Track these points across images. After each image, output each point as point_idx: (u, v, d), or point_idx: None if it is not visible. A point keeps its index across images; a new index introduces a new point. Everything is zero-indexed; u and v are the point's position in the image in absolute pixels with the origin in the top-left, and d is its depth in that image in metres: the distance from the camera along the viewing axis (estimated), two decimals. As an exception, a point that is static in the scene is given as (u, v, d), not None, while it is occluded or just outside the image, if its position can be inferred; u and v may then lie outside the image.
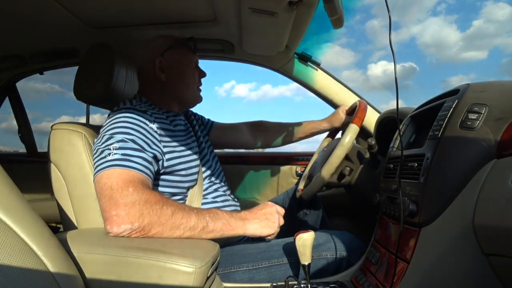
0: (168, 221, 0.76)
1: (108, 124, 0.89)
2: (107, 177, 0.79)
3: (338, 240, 0.97)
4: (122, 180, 0.78)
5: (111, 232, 0.74)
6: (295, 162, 1.72)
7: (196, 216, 0.80)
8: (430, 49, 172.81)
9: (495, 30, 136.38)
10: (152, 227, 0.75)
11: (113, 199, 0.75)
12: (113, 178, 0.78)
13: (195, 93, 1.11)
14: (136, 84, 1.13)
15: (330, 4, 0.81)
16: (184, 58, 1.08)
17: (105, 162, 0.81)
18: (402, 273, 0.71)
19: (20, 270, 0.47)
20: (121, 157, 0.81)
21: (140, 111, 0.92)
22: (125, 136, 0.85)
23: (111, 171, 0.80)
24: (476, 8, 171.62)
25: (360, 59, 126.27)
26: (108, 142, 0.84)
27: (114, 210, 0.74)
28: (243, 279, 0.91)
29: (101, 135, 0.88)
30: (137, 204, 0.75)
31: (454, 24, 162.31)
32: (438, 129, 0.73)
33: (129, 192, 0.76)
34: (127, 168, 0.80)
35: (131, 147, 0.84)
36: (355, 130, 1.04)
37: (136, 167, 0.82)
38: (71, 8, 1.09)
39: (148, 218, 0.74)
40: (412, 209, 0.72)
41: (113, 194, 0.76)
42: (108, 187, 0.77)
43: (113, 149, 0.82)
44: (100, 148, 0.85)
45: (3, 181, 0.53)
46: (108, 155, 0.82)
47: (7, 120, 1.95)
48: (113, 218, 0.73)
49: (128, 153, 0.83)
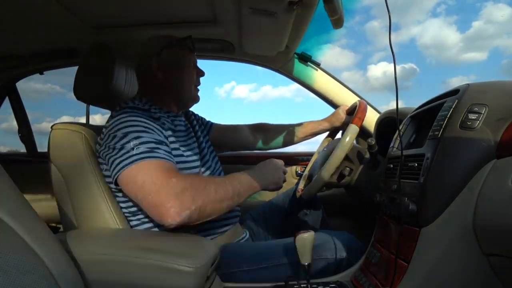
0: (215, 197, 0.82)
1: (116, 124, 0.88)
2: (142, 173, 0.80)
3: (338, 240, 0.97)
4: (161, 172, 0.79)
5: (172, 224, 0.76)
6: (295, 162, 1.72)
7: (231, 186, 0.87)
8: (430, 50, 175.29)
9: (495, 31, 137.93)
10: (206, 207, 0.80)
11: (162, 192, 0.77)
12: (150, 171, 0.80)
13: (192, 92, 1.10)
14: (136, 84, 1.13)
15: (330, 4, 0.81)
16: (182, 57, 1.07)
17: (131, 157, 0.81)
18: (402, 273, 0.71)
19: (20, 270, 0.47)
20: (146, 149, 0.83)
21: (143, 110, 0.94)
22: (140, 134, 0.85)
23: (142, 164, 0.80)
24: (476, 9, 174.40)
25: (360, 60, 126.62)
26: (125, 140, 0.84)
27: (168, 202, 0.75)
28: (243, 279, 0.92)
29: (110, 135, 0.87)
30: (185, 190, 0.78)
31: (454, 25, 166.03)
32: (438, 129, 0.73)
33: (173, 182, 0.78)
34: (157, 159, 0.82)
35: (149, 141, 0.85)
36: (355, 131, 1.04)
37: (164, 157, 0.84)
38: (71, 8, 1.09)
39: (199, 199, 0.78)
40: (412, 209, 0.72)
41: (159, 188, 0.77)
42: (150, 182, 0.78)
43: (134, 145, 0.83)
44: (117, 147, 0.84)
45: (3, 181, 0.53)
46: (130, 150, 0.82)
47: (7, 121, 1.95)
48: (171, 210, 0.75)
49: (151, 146, 0.84)
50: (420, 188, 0.72)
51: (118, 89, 1.06)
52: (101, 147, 0.90)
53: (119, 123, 0.88)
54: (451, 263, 0.65)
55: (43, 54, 1.47)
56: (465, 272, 0.64)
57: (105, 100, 1.11)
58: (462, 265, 0.64)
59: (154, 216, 0.79)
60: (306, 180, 1.29)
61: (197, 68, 1.12)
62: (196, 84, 1.11)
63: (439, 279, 0.66)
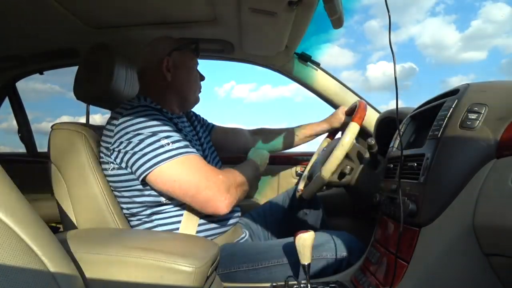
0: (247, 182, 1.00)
1: (135, 123, 0.88)
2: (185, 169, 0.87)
3: (338, 240, 0.97)
4: (202, 166, 0.90)
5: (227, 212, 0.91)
6: (295, 162, 1.72)
7: (251, 169, 1.08)
8: (429, 49, 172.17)
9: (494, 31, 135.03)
10: (244, 191, 0.99)
11: (213, 187, 0.88)
12: (192, 167, 0.88)
13: (196, 95, 1.13)
14: (136, 84, 1.13)
15: (330, 4, 0.81)
16: (190, 60, 1.10)
17: (167, 152, 0.85)
18: (402, 273, 0.71)
19: (20, 270, 0.47)
20: (179, 145, 0.88)
21: (156, 109, 0.95)
22: (168, 132, 0.89)
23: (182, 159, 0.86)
24: (474, 8, 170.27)
25: (359, 59, 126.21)
26: (155, 138, 0.86)
27: (221, 195, 0.88)
28: (243, 279, 0.92)
29: (130, 133, 0.87)
30: (231, 186, 0.92)
31: (453, 25, 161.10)
32: (438, 129, 0.73)
33: (221, 179, 0.90)
34: (193, 154, 0.90)
35: (179, 138, 0.90)
36: (355, 128, 1.04)
37: (195, 152, 0.91)
38: (71, 8, 1.09)
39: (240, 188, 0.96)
40: (412, 209, 0.72)
41: (210, 184, 0.88)
42: (197, 179, 0.87)
43: (167, 144, 0.86)
44: (143, 143, 0.85)
45: (3, 181, 0.53)
46: (163, 146, 0.86)
47: (7, 120, 1.95)
48: (225, 202, 0.89)
49: (183, 145, 0.89)
50: (420, 188, 0.72)
51: (118, 89, 1.06)
52: (113, 145, 0.89)
53: (139, 122, 0.88)
54: (451, 263, 0.65)
55: (43, 54, 1.47)
56: (465, 272, 0.64)
57: (105, 100, 1.11)
58: (462, 265, 0.64)
59: (207, 209, 0.89)
60: (306, 180, 1.29)
61: (199, 72, 1.14)
62: (199, 87, 1.14)
63: (439, 279, 0.66)
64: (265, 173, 1.73)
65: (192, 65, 1.10)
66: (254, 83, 72.21)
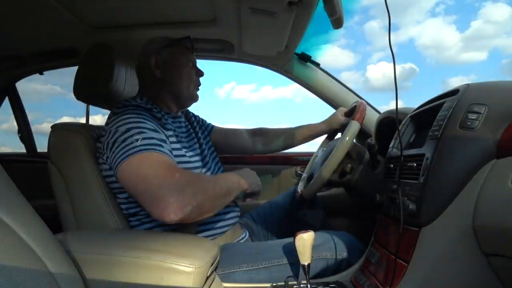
0: (213, 193, 0.83)
1: (119, 120, 0.88)
2: (144, 165, 0.79)
3: (338, 240, 0.97)
4: (163, 165, 0.79)
5: (173, 220, 0.74)
6: (295, 162, 1.72)
7: (224, 183, 0.89)
8: (429, 50, 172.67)
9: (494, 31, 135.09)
10: (205, 203, 0.80)
11: (164, 186, 0.75)
12: (152, 164, 0.79)
13: (191, 91, 1.09)
14: (136, 84, 1.13)
15: (329, 4, 0.81)
16: (181, 56, 1.07)
17: (132, 148, 0.81)
18: (401, 273, 0.71)
19: (20, 270, 0.47)
20: (150, 142, 0.83)
21: (146, 109, 0.94)
22: (143, 130, 0.86)
23: (145, 155, 0.80)
24: (474, 8, 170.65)
25: (359, 60, 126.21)
26: (128, 134, 0.84)
27: (171, 197, 0.74)
28: (242, 279, 0.91)
29: (111, 130, 0.87)
30: (186, 187, 0.77)
31: (453, 25, 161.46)
32: (437, 129, 0.73)
33: (176, 178, 0.77)
34: (159, 152, 0.82)
35: (154, 137, 0.85)
36: (356, 127, 1.04)
37: (166, 152, 0.84)
38: (71, 8, 1.09)
39: (200, 196, 0.78)
40: (412, 209, 0.72)
41: (163, 182, 0.76)
42: (153, 175, 0.77)
43: (136, 139, 0.83)
44: (118, 139, 0.84)
45: (3, 181, 0.53)
46: (134, 142, 0.82)
47: (8, 121, 1.95)
48: (174, 205, 0.73)
49: (152, 142, 0.84)
50: (420, 188, 0.72)
51: (118, 89, 1.06)
52: (103, 144, 0.90)
53: (122, 119, 0.88)
54: (451, 263, 0.65)
55: (43, 54, 1.47)
56: (464, 272, 0.64)
57: (105, 100, 1.11)
58: (462, 265, 0.64)
59: (153, 211, 0.75)
60: (306, 181, 1.29)
61: (196, 68, 1.12)
62: (196, 84, 1.11)
63: (439, 279, 0.66)
64: (265, 173, 1.73)
65: (184, 61, 1.08)
66: (255, 84, 72.18)
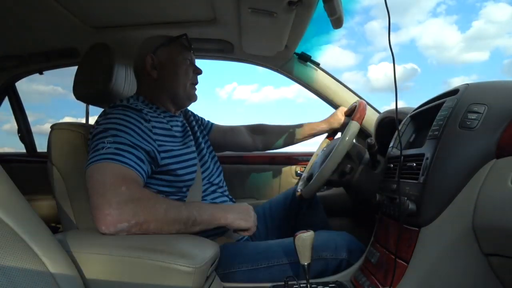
0: (163, 217, 0.78)
1: (102, 119, 0.89)
2: (99, 172, 0.78)
3: (338, 240, 0.97)
4: (115, 177, 0.78)
5: (106, 233, 0.73)
6: (295, 162, 1.72)
7: (187, 211, 0.83)
8: (430, 50, 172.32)
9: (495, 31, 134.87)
10: (149, 224, 0.76)
11: (106, 197, 0.74)
12: (106, 173, 0.78)
13: (187, 90, 1.07)
14: (135, 84, 1.13)
15: (329, 4, 0.81)
16: (177, 55, 1.06)
17: (98, 155, 0.80)
18: (401, 273, 0.71)
19: (20, 270, 0.47)
20: (114, 151, 0.81)
21: (135, 109, 0.92)
22: (118, 132, 0.85)
23: (104, 165, 0.79)
24: (476, 8, 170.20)
25: (361, 60, 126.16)
26: (102, 135, 0.84)
27: (107, 209, 0.73)
28: (242, 279, 0.92)
29: (95, 129, 0.88)
30: (130, 203, 0.75)
31: (454, 25, 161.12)
32: (437, 129, 0.73)
33: (121, 191, 0.76)
34: (119, 163, 0.80)
35: (124, 142, 0.84)
36: (355, 128, 1.04)
37: (128, 163, 0.82)
38: (71, 8, 1.10)
39: (143, 215, 0.75)
40: (412, 209, 0.72)
41: (106, 192, 0.75)
42: (101, 183, 0.76)
43: (107, 142, 0.82)
44: (95, 141, 0.85)
45: (3, 181, 0.53)
46: (101, 149, 0.81)
47: (10, 122, 1.95)
48: (107, 218, 0.72)
49: (121, 148, 0.82)
50: (420, 188, 0.72)
51: (118, 89, 1.06)
52: (89, 141, 0.89)
53: (104, 119, 0.88)
54: (450, 263, 0.65)
55: (43, 54, 1.47)
56: (464, 272, 0.64)
57: (105, 100, 1.11)
58: (461, 265, 0.64)
59: (93, 218, 0.75)
60: (305, 180, 1.29)
61: (194, 66, 1.10)
62: (193, 82, 1.09)
63: (439, 279, 0.66)
64: (265, 173, 1.73)
65: (180, 59, 1.06)
66: (256, 84, 72.05)
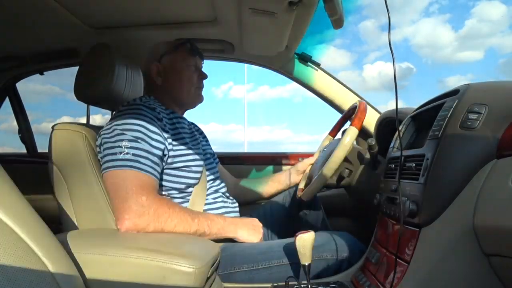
0: (171, 230, 0.86)
1: (119, 119, 0.92)
2: (121, 178, 0.85)
3: (338, 240, 0.97)
4: (137, 185, 0.85)
5: (121, 229, 0.83)
6: (295, 162, 1.72)
7: (196, 226, 0.90)
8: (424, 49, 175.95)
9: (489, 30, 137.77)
10: (164, 230, 0.86)
11: (127, 202, 0.83)
12: (128, 180, 0.85)
13: (192, 95, 1.13)
14: (136, 84, 1.14)
15: (330, 4, 0.81)
16: (181, 62, 1.11)
17: (117, 160, 0.86)
18: (402, 273, 0.71)
19: (20, 270, 0.47)
20: (132, 157, 0.87)
21: (149, 108, 0.97)
22: (135, 134, 0.89)
23: (125, 172, 0.86)
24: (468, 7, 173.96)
25: (355, 59, 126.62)
26: (119, 138, 0.89)
27: (127, 214, 0.82)
28: (243, 279, 0.92)
29: (111, 128, 0.91)
30: (146, 214, 0.83)
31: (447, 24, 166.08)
32: (438, 129, 0.73)
33: (142, 201, 0.84)
34: (139, 171, 0.87)
35: (141, 147, 0.89)
36: (354, 132, 1.04)
37: (147, 170, 0.88)
38: (71, 8, 1.09)
39: (153, 227, 0.84)
40: (412, 209, 0.72)
41: (128, 198, 0.83)
42: (123, 188, 0.84)
43: (125, 147, 0.87)
44: (110, 142, 0.89)
45: (3, 181, 0.53)
46: (119, 153, 0.87)
47: (8, 121, 1.95)
48: (125, 222, 0.82)
49: (138, 154, 0.88)
50: (420, 189, 0.72)
51: (118, 89, 1.06)
52: (102, 139, 0.92)
53: (121, 119, 0.92)
54: (451, 263, 0.65)
55: (43, 54, 1.47)
56: (465, 272, 0.64)
57: (105, 101, 1.11)
58: (462, 265, 0.64)
59: (114, 215, 0.86)
60: (306, 180, 1.29)
61: (199, 72, 1.14)
62: (197, 86, 1.14)
63: (439, 279, 0.66)
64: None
65: (184, 66, 1.11)
66: (252, 84, 72.10)
